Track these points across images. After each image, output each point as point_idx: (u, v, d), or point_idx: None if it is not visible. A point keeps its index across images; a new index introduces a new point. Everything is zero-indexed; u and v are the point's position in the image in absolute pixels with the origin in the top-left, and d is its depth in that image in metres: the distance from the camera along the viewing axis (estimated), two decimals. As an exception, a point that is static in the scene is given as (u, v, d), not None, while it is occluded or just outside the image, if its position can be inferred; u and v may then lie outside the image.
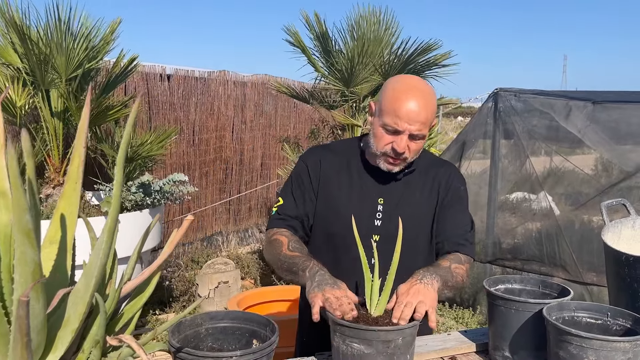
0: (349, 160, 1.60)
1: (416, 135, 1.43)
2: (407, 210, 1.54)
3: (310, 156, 1.64)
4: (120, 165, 0.76)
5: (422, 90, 1.46)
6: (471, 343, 1.54)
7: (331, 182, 1.58)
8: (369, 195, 1.56)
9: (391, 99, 1.43)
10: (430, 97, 1.46)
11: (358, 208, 1.54)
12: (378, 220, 1.54)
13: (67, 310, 0.82)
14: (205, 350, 1.19)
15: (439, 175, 1.60)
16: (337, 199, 1.56)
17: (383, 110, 1.45)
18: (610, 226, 1.56)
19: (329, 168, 1.59)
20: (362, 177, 1.57)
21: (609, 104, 3.81)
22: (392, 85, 1.48)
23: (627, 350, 1.14)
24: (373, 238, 1.53)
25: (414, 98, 1.42)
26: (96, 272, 0.76)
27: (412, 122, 1.41)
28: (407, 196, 1.56)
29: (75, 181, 0.88)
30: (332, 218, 1.55)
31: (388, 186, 1.56)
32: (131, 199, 3.03)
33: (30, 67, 2.91)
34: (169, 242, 0.93)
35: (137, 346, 0.80)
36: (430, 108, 1.45)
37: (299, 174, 1.61)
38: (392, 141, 1.44)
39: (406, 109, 1.40)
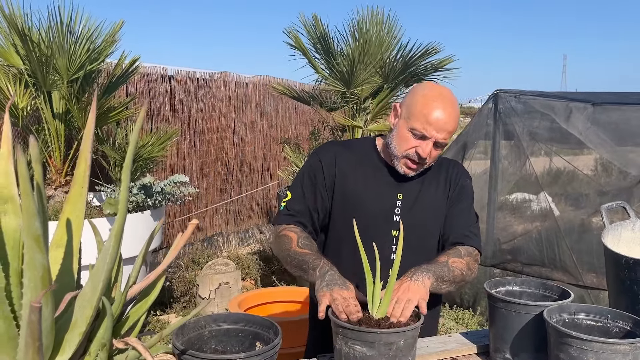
0: (365, 157, 1.61)
1: (440, 143, 1.48)
2: (425, 205, 1.57)
3: (325, 152, 1.63)
4: (127, 171, 0.77)
5: (452, 100, 1.50)
6: (472, 345, 1.55)
7: (348, 179, 1.58)
8: (388, 191, 1.57)
9: (422, 104, 1.46)
10: (457, 108, 1.52)
11: (377, 204, 1.56)
12: (397, 215, 1.56)
13: (75, 314, 0.83)
14: (209, 352, 1.20)
15: (449, 173, 1.65)
16: (355, 195, 1.57)
17: (412, 114, 1.47)
18: (610, 229, 1.57)
19: (346, 164, 1.59)
20: (379, 173, 1.59)
21: (609, 105, 3.82)
22: (422, 91, 1.51)
23: (627, 353, 1.15)
24: (392, 234, 1.55)
25: (445, 107, 1.46)
26: (103, 276, 0.77)
27: (440, 130, 1.45)
28: (424, 192, 1.59)
29: (82, 186, 0.89)
30: (351, 214, 1.53)
31: (405, 185, 1.58)
32: (133, 201, 3.04)
33: (31, 69, 2.92)
34: (174, 246, 0.94)
35: (143, 349, 0.81)
36: (457, 119, 1.50)
37: (312, 169, 1.60)
38: (417, 145, 1.47)
39: (436, 117, 1.44)
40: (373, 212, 1.54)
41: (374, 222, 1.54)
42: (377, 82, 3.98)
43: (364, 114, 4.10)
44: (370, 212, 1.53)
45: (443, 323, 4.01)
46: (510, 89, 4.32)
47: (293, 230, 1.53)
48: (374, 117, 4.13)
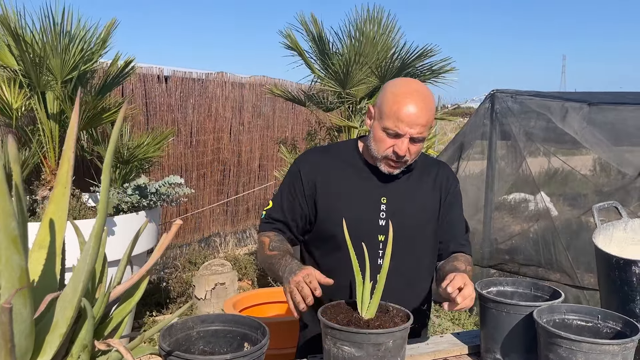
0: (347, 161, 1.60)
1: (417, 138, 1.45)
2: (410, 208, 1.56)
3: (305, 160, 1.63)
4: (107, 171, 0.77)
5: (422, 93, 1.47)
6: (463, 345, 1.55)
7: (331, 185, 1.57)
8: (371, 195, 1.56)
9: (392, 102, 1.44)
10: (429, 99, 1.48)
11: (361, 209, 1.54)
12: (382, 220, 1.54)
13: (56, 315, 0.82)
14: (197, 353, 1.19)
15: (439, 175, 1.64)
16: (338, 201, 1.56)
17: (384, 113, 1.46)
18: (602, 229, 1.57)
19: (328, 171, 1.58)
20: (363, 177, 1.58)
21: (605, 105, 3.82)
22: (391, 89, 1.49)
23: (616, 353, 1.15)
24: (379, 238, 1.53)
25: (415, 101, 1.43)
26: (83, 276, 0.77)
27: (413, 126, 1.43)
28: (409, 194, 1.58)
29: (65, 185, 0.88)
30: (336, 221, 1.52)
31: (389, 185, 1.57)
32: (127, 201, 3.03)
33: (25, 69, 2.91)
34: (158, 246, 0.94)
35: (124, 350, 0.80)
36: (430, 111, 1.47)
37: (292, 178, 1.61)
38: (393, 144, 1.46)
39: (407, 113, 1.42)
40: (358, 218, 1.52)
41: (359, 227, 1.51)
42: (373, 83, 3.98)
43: (359, 114, 4.10)
44: (355, 218, 1.51)
45: (439, 323, 4.00)
46: (506, 89, 4.32)
47: (267, 235, 1.56)
48: (369, 117, 4.11)
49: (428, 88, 1.55)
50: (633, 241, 1.58)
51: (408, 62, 3.90)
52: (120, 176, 3.25)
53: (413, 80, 1.57)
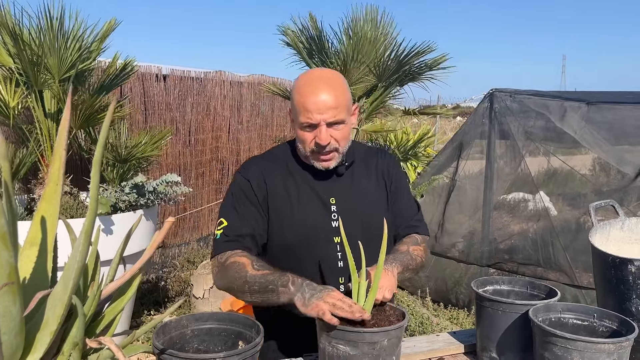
0: (289, 166, 1.55)
1: (334, 122, 1.41)
2: (360, 204, 1.53)
3: (250, 170, 1.55)
4: (97, 167, 0.76)
5: (324, 76, 1.44)
6: (459, 344, 1.54)
7: (278, 193, 1.51)
8: (320, 197, 1.51)
9: (297, 97, 1.42)
10: (334, 81, 1.44)
11: (312, 213, 1.50)
12: (335, 221, 1.50)
13: (46, 313, 0.82)
14: (191, 352, 1.19)
15: (380, 164, 1.60)
16: (288, 208, 1.50)
17: (295, 112, 1.44)
18: (599, 227, 1.56)
19: (273, 178, 1.53)
20: (307, 180, 1.53)
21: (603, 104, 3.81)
22: (295, 85, 1.47)
23: (612, 352, 1.14)
24: (335, 241, 1.49)
25: (317, 87, 1.40)
26: (74, 274, 0.76)
27: (323, 111, 1.39)
28: (356, 190, 1.54)
29: (56, 183, 0.88)
30: (288, 229, 1.49)
31: (335, 184, 1.53)
32: (125, 200, 3.03)
33: (22, 68, 2.91)
34: (151, 243, 0.93)
35: (116, 348, 0.80)
36: (339, 91, 1.41)
37: (242, 190, 1.52)
38: (314, 137, 1.42)
39: (313, 100, 1.39)
40: (311, 223, 1.48)
41: (313, 233, 1.48)
42: (371, 81, 3.97)
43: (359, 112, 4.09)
44: (308, 224, 1.48)
45: (437, 323, 4.00)
46: (505, 88, 4.32)
47: (242, 255, 1.42)
48: (368, 116, 4.12)
49: (335, 71, 1.51)
50: (630, 240, 1.58)
51: (405, 59, 3.89)
52: (117, 175, 3.25)
53: (316, 69, 1.56)
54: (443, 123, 14.38)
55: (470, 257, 4.35)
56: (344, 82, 1.47)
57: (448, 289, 4.39)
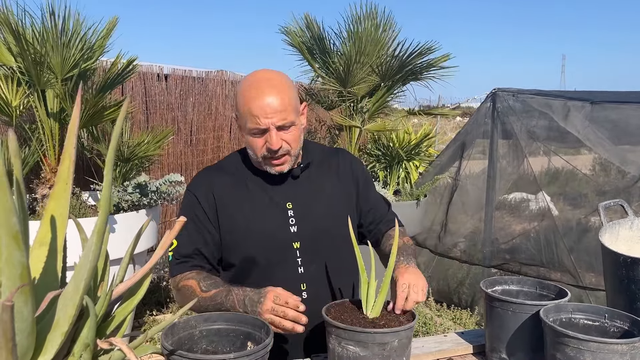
0: (241, 174, 1.50)
1: (283, 125, 1.36)
2: (319, 207, 1.49)
3: (198, 185, 1.50)
4: (109, 167, 0.75)
5: (268, 78, 1.38)
6: (468, 345, 1.53)
7: (230, 204, 1.46)
8: (276, 203, 1.47)
9: (242, 103, 1.37)
10: (278, 82, 1.38)
11: (269, 220, 1.46)
12: (293, 226, 1.46)
13: (57, 313, 0.80)
14: (200, 352, 1.18)
15: (341, 165, 1.57)
16: (243, 218, 1.45)
17: (241, 117, 1.39)
18: (608, 227, 1.55)
19: (223, 190, 1.47)
20: (262, 187, 1.48)
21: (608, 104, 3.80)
22: (239, 90, 1.41)
23: (625, 353, 1.13)
24: (294, 246, 1.46)
25: (262, 91, 1.34)
26: (86, 274, 0.75)
27: (270, 115, 1.34)
28: (314, 193, 1.51)
29: (66, 182, 0.87)
30: (245, 240, 1.45)
31: (291, 188, 1.49)
32: (127, 200, 3.01)
33: (25, 67, 2.89)
34: (161, 244, 0.92)
35: (127, 349, 0.79)
36: (283, 93, 1.36)
37: (190, 207, 1.47)
38: (265, 142, 1.38)
39: (258, 105, 1.34)
40: (268, 230, 1.45)
41: (272, 241, 1.45)
42: (374, 81, 3.96)
43: (361, 113, 4.08)
44: (265, 231, 1.44)
45: (441, 323, 3.99)
46: (508, 87, 4.31)
47: (190, 277, 1.40)
48: (370, 116, 4.11)
49: (279, 72, 1.44)
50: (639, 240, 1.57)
51: (408, 59, 3.88)
52: (120, 174, 3.23)
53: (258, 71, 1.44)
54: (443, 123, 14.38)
55: (473, 257, 4.34)
56: (289, 82, 1.42)
57: (451, 289, 4.38)
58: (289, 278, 1.44)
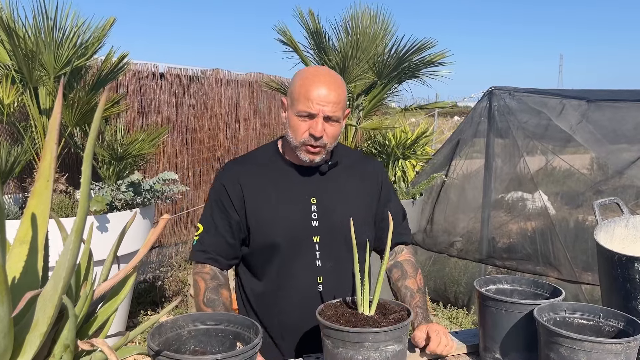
0: (270, 166, 1.56)
1: (331, 117, 1.44)
2: (340, 206, 1.54)
3: (227, 174, 1.56)
4: (87, 162, 0.73)
5: (329, 73, 1.49)
6: (462, 344, 1.51)
7: (258, 194, 1.52)
8: (300, 197, 1.52)
9: (300, 86, 1.45)
10: (337, 79, 1.48)
11: (292, 213, 1.51)
12: (315, 220, 1.51)
13: (36, 314, 0.78)
14: (188, 353, 1.16)
15: (369, 170, 1.63)
16: (266, 210, 1.51)
17: (294, 99, 1.46)
18: (603, 225, 1.53)
19: (251, 180, 1.53)
20: (289, 180, 1.54)
21: (603, 102, 3.79)
22: (298, 75, 1.50)
23: (619, 352, 1.11)
24: (314, 240, 1.51)
25: (322, 80, 1.44)
26: (64, 273, 0.73)
27: (323, 103, 1.42)
28: (338, 192, 1.55)
29: (47, 179, 0.85)
30: (267, 231, 1.51)
31: (317, 184, 1.54)
32: (121, 198, 2.99)
33: (18, 64, 2.87)
34: (146, 241, 0.90)
35: (108, 350, 0.77)
36: (340, 89, 1.46)
37: (218, 195, 1.54)
38: (309, 127, 1.44)
39: (316, 91, 1.42)
40: (291, 222, 1.50)
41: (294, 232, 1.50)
42: (370, 79, 3.94)
43: (356, 111, 4.06)
44: (289, 223, 1.49)
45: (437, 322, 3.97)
46: (504, 86, 4.29)
47: (203, 277, 1.49)
48: (366, 114, 4.09)
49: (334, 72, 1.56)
50: (635, 238, 1.55)
51: (405, 56, 3.86)
52: (114, 173, 3.21)
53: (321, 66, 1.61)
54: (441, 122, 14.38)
55: (469, 256, 4.32)
56: (343, 83, 1.51)
57: (447, 288, 4.37)
58: (307, 270, 1.50)
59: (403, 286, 1.55)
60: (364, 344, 1.14)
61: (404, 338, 1.21)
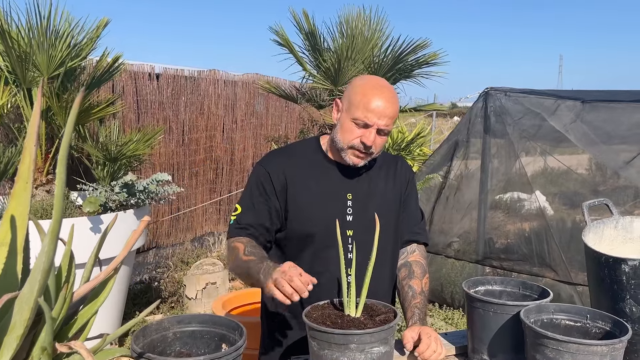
0: (311, 159, 1.62)
1: (383, 130, 1.50)
2: (375, 203, 1.60)
3: (271, 162, 1.61)
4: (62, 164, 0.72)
5: (389, 88, 1.55)
6: (450, 346, 1.51)
7: (298, 185, 1.57)
8: (337, 192, 1.58)
9: (361, 94, 1.50)
10: (396, 95, 1.55)
11: (329, 206, 1.56)
12: (349, 215, 1.57)
13: (14, 316, 0.78)
14: (173, 355, 1.16)
15: (398, 170, 1.69)
16: (306, 201, 1.57)
17: (353, 104, 1.50)
18: (592, 226, 1.53)
19: (293, 171, 1.58)
20: (327, 175, 1.60)
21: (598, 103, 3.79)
22: (360, 82, 1.55)
23: (605, 354, 1.11)
24: (347, 234, 1.56)
25: (383, 94, 1.49)
26: (39, 276, 0.73)
27: (381, 117, 1.47)
28: (373, 189, 1.62)
29: (26, 181, 0.84)
30: (305, 221, 1.56)
31: (354, 182, 1.60)
32: (115, 199, 2.99)
33: (11, 65, 2.86)
34: (126, 243, 0.90)
35: (86, 353, 0.76)
36: (396, 105, 1.53)
37: (260, 180, 1.58)
38: (361, 135, 1.49)
39: (376, 104, 1.47)
40: (328, 215, 1.53)
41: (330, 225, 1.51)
42: (366, 80, 3.93)
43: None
44: (326, 216, 1.54)
45: (432, 323, 3.97)
46: (500, 86, 4.29)
47: (240, 241, 1.52)
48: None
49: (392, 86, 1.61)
50: (624, 239, 1.55)
51: (400, 56, 3.86)
52: (108, 174, 3.20)
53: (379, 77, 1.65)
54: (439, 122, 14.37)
55: (466, 257, 4.32)
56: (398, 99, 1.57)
57: (443, 289, 4.36)
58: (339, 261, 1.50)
59: (407, 285, 1.58)
60: (349, 345, 1.14)
61: (390, 340, 1.20)
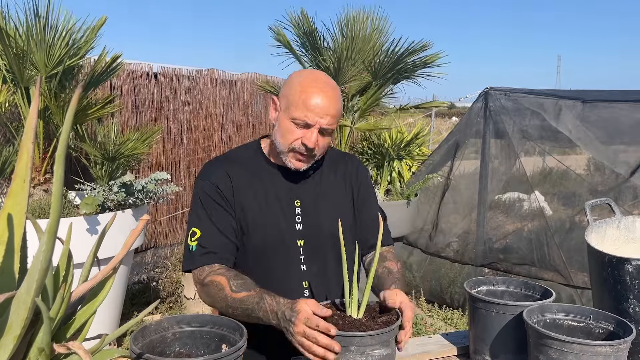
0: (253, 166, 1.50)
1: (326, 129, 1.39)
2: (325, 209, 1.50)
3: (214, 173, 1.48)
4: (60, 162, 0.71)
5: (330, 83, 1.42)
6: (452, 346, 1.50)
7: (244, 195, 1.46)
8: (285, 199, 1.48)
9: (299, 92, 1.37)
10: (337, 92, 1.43)
11: (276, 215, 1.46)
12: (299, 224, 1.47)
13: (10, 316, 0.77)
14: (173, 355, 1.14)
15: (347, 170, 1.58)
16: (253, 210, 1.45)
17: (290, 103, 1.38)
18: (595, 226, 1.52)
19: (238, 180, 1.47)
20: (273, 181, 1.49)
21: (599, 103, 3.78)
22: (298, 78, 1.42)
23: (609, 355, 1.10)
24: (298, 243, 1.46)
25: (323, 90, 1.37)
26: (37, 276, 0.71)
27: (322, 115, 1.36)
28: (322, 193, 1.51)
29: (23, 179, 0.83)
30: (253, 232, 1.45)
31: (301, 187, 1.50)
32: (113, 199, 2.97)
33: (9, 64, 2.85)
34: (125, 243, 0.89)
35: (84, 353, 0.75)
36: (339, 101, 1.41)
37: (210, 195, 1.45)
38: (302, 136, 1.38)
39: (316, 101, 1.36)
40: (276, 225, 1.45)
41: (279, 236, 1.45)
42: (366, 79, 3.93)
43: (351, 112, 4.04)
44: (273, 225, 1.45)
45: (432, 323, 3.96)
46: (500, 86, 4.28)
47: (219, 274, 1.36)
48: (361, 114, 4.07)
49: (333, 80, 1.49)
50: (627, 239, 1.54)
51: (401, 58, 3.85)
52: (106, 173, 3.19)
53: (318, 71, 1.51)
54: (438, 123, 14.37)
55: (465, 257, 4.31)
56: (341, 95, 1.46)
57: (442, 289, 4.35)
58: (292, 274, 1.46)
59: (381, 266, 1.47)
60: (350, 347, 1.12)
61: (392, 342, 1.19)
